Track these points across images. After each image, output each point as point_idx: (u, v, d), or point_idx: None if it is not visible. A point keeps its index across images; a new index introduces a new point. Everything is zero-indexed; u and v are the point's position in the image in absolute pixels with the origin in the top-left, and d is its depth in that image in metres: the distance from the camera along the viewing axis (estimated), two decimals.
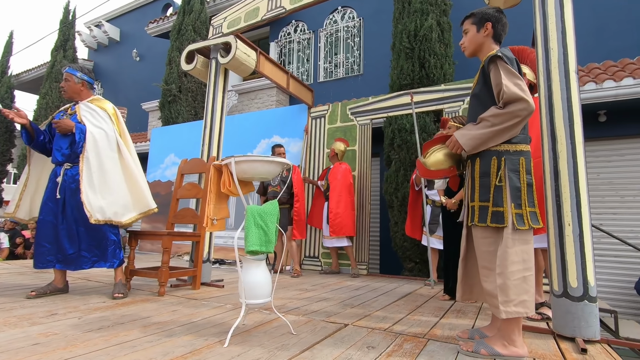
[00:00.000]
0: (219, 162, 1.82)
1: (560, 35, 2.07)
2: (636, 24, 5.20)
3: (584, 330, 1.81)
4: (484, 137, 1.56)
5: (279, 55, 8.29)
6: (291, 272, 4.27)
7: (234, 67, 3.59)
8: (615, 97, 4.47)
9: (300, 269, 4.37)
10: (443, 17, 5.13)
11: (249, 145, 5.93)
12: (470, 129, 1.62)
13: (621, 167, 4.95)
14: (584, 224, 1.89)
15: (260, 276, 1.75)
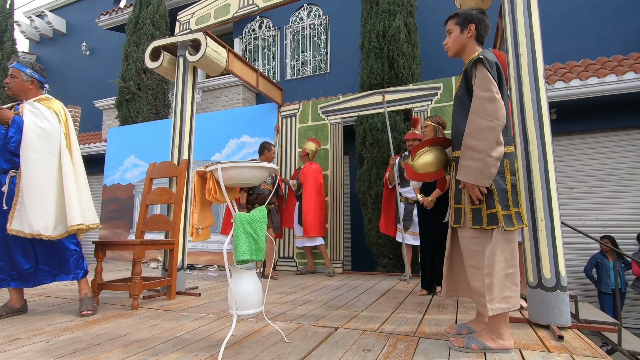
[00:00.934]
0: (203, 169, 1.74)
1: (530, 41, 2.19)
2: (579, 29, 5.66)
3: (557, 318, 1.94)
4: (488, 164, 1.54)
5: (243, 52, 8.09)
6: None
7: (204, 66, 3.44)
8: (565, 97, 4.84)
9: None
10: (410, 18, 5.26)
11: (217, 146, 5.74)
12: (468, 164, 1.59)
13: (570, 162, 5.38)
14: (554, 219, 2.02)
15: (251, 285, 1.70)
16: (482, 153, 1.55)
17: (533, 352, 1.60)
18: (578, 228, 4.90)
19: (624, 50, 5.31)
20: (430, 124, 2.86)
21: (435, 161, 1.81)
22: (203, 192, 1.77)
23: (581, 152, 5.35)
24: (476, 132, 1.57)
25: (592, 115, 5.14)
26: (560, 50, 5.65)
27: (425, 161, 1.81)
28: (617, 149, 5.19)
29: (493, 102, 1.56)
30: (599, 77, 4.68)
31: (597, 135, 5.28)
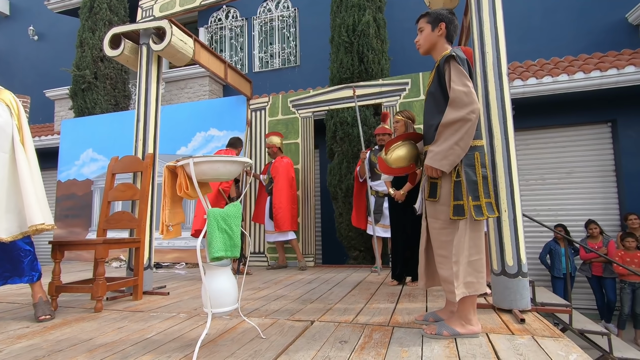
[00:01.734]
0: (173, 164, 1.66)
1: (494, 40, 2.29)
2: (535, 31, 5.99)
3: (519, 302, 2.07)
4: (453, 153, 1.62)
5: (209, 42, 7.82)
6: None
7: (170, 55, 3.29)
8: (523, 94, 5.12)
9: None
10: (379, 14, 5.31)
11: (183, 139, 5.53)
12: (434, 148, 1.68)
13: (527, 155, 5.72)
14: (516, 210, 2.15)
15: (225, 283, 1.66)
16: (451, 142, 1.63)
17: (499, 335, 1.70)
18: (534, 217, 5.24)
19: (574, 51, 5.70)
20: (401, 118, 2.92)
21: (407, 155, 1.86)
22: (174, 187, 1.70)
23: (537, 146, 5.70)
24: (451, 122, 1.65)
25: (547, 112, 5.48)
26: (518, 50, 5.95)
27: (398, 155, 1.86)
28: (568, 143, 5.58)
29: (469, 96, 1.63)
30: (553, 77, 4.99)
31: (551, 130, 5.65)
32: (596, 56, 5.40)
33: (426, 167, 1.72)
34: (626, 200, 5.14)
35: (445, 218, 1.71)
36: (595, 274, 4.75)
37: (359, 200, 4.20)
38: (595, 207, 5.39)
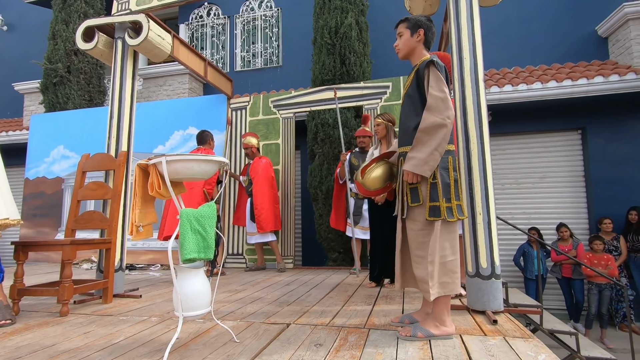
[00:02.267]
0: (145, 162, 1.61)
1: (472, 46, 2.33)
2: (511, 39, 6.18)
3: (492, 304, 2.11)
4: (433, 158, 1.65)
5: (190, 39, 7.67)
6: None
7: (146, 51, 3.19)
8: (499, 100, 5.27)
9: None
10: (361, 17, 5.35)
11: (160, 137, 5.39)
12: (415, 155, 1.68)
13: (503, 160, 5.89)
14: (491, 213, 2.19)
15: (198, 285, 1.61)
16: (431, 147, 1.65)
17: (472, 336, 1.72)
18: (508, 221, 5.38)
19: (548, 60, 5.91)
20: (381, 121, 2.94)
21: (383, 176, 1.95)
22: (145, 186, 1.64)
23: (512, 151, 5.88)
24: (429, 127, 1.67)
25: (522, 119, 5.66)
26: (496, 57, 6.12)
27: (375, 177, 1.94)
28: (542, 149, 5.77)
29: (445, 102, 1.66)
30: (527, 84, 5.16)
31: (525, 136, 5.83)
32: (568, 66, 5.62)
33: (406, 173, 1.73)
34: (594, 205, 5.36)
35: (423, 219, 1.72)
36: (565, 276, 4.93)
37: (338, 202, 4.20)
38: (566, 210, 5.59)
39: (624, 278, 4.76)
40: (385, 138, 2.96)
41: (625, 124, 5.33)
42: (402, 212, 1.83)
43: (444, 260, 1.69)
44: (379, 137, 3.01)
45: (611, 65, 5.38)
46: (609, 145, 5.38)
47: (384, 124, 2.93)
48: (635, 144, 5.27)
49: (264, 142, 4.93)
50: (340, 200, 4.23)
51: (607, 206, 5.23)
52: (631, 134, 5.30)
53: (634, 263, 4.79)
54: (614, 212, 5.12)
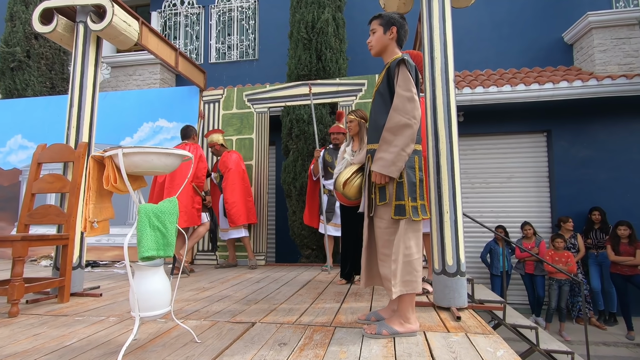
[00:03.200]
0: (100, 154, 1.51)
1: (443, 47, 2.35)
2: (484, 42, 6.34)
3: (457, 300, 2.15)
4: (400, 158, 1.64)
5: (162, 27, 7.39)
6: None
7: (111, 37, 3.03)
8: (471, 101, 5.40)
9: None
10: (338, 13, 5.32)
11: (128, 129, 5.17)
12: (382, 155, 1.67)
13: (473, 160, 6.05)
14: (458, 212, 2.23)
15: (157, 284, 1.54)
16: (398, 147, 1.64)
17: (435, 333, 1.74)
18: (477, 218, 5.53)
19: (518, 64, 6.11)
20: (354, 118, 2.92)
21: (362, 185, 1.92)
22: (100, 180, 1.55)
23: (482, 151, 6.05)
24: (395, 127, 1.66)
25: (492, 120, 5.83)
26: (469, 59, 6.27)
27: (356, 187, 1.94)
28: (509, 150, 5.97)
29: (412, 102, 1.66)
30: (498, 87, 5.31)
31: (494, 137, 6.01)
32: (536, 70, 5.83)
33: (374, 175, 1.72)
34: (557, 205, 5.60)
35: (389, 217, 1.72)
36: (528, 272, 5.13)
37: (312, 198, 4.17)
38: (531, 209, 5.83)
39: (580, 274, 5.01)
40: (357, 135, 2.95)
41: (587, 127, 5.60)
42: (369, 210, 1.83)
43: (409, 258, 1.70)
44: (351, 134, 2.99)
45: (575, 71, 5.62)
46: (572, 148, 5.63)
47: (356, 120, 2.92)
48: (596, 147, 5.55)
49: (237, 136, 4.82)
50: (313, 197, 4.20)
51: (569, 206, 5.49)
52: (592, 138, 5.57)
53: (594, 260, 5.05)
54: (575, 212, 5.38)
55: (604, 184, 5.45)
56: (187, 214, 3.67)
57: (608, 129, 5.51)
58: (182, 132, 3.97)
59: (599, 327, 4.92)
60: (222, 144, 4.36)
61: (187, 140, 3.92)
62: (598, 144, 5.55)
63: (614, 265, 4.78)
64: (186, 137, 3.93)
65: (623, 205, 5.27)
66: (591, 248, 5.08)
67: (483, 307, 2.46)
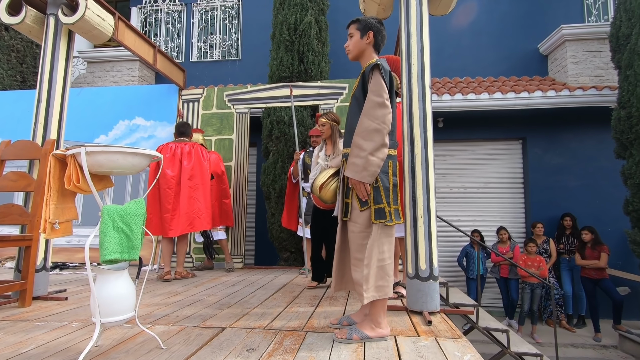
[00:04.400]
0: (62, 152, 1.45)
1: (420, 53, 2.38)
2: (464, 50, 6.48)
3: (429, 305, 2.17)
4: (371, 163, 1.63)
5: (142, 24, 7.22)
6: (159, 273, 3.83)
7: (83, 31, 2.93)
8: (450, 108, 5.50)
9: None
10: (321, 16, 5.33)
11: (103, 126, 5.01)
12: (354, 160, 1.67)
13: (452, 165, 6.16)
14: (431, 216, 2.25)
15: (120, 289, 1.49)
16: (366, 152, 1.64)
17: (405, 338, 1.75)
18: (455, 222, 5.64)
19: (495, 73, 6.27)
20: (326, 121, 2.91)
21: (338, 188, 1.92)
22: (61, 179, 1.48)
23: (460, 157, 6.17)
24: (364, 132, 1.66)
25: (470, 126, 5.96)
26: (449, 66, 6.39)
27: (333, 191, 1.94)
28: (486, 156, 6.12)
29: (383, 107, 1.66)
30: (476, 94, 5.43)
31: (473, 143, 6.15)
32: (513, 79, 6.00)
33: (350, 181, 1.72)
34: (531, 210, 5.77)
35: (363, 222, 1.72)
36: (502, 276, 5.25)
37: (290, 201, 4.15)
38: (507, 214, 5.98)
39: (552, 278, 5.16)
40: (330, 138, 2.93)
41: (560, 136, 5.79)
42: (343, 214, 1.82)
43: (382, 263, 1.70)
44: (323, 137, 2.97)
45: (549, 82, 5.82)
46: (546, 155, 5.82)
47: (328, 123, 2.91)
48: (568, 155, 5.75)
49: (216, 137, 4.75)
50: (292, 199, 4.17)
51: (542, 211, 5.66)
52: (565, 146, 5.77)
53: (566, 265, 5.22)
54: (548, 217, 5.55)
55: (575, 191, 5.65)
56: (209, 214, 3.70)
57: (579, 138, 5.72)
58: (181, 128, 3.72)
59: (569, 329, 5.08)
60: (202, 144, 4.28)
61: (188, 139, 3.71)
62: (570, 152, 5.75)
63: (583, 269, 4.95)
64: (185, 135, 3.70)
65: (592, 211, 5.48)
66: (563, 253, 5.25)
67: (454, 311, 2.49)
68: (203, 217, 3.58)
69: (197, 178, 3.57)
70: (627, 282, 5.10)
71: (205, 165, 3.67)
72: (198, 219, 3.55)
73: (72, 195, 1.58)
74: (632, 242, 4.46)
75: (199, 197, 3.56)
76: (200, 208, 3.56)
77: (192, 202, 3.53)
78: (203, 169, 3.62)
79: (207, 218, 3.63)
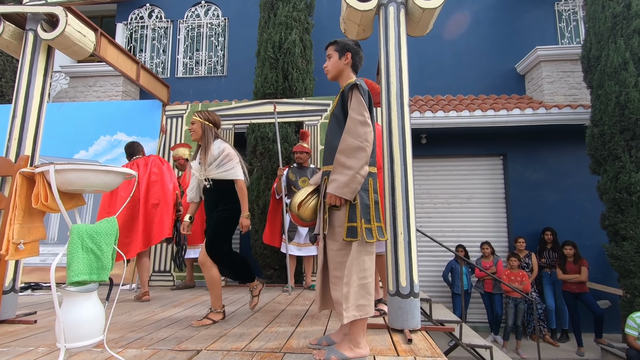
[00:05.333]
0: (29, 170, 1.41)
1: (398, 72, 2.44)
2: (446, 69, 6.68)
3: (410, 322, 2.15)
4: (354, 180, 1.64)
5: (128, 39, 7.22)
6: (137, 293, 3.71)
7: (63, 47, 2.90)
8: (432, 125, 5.61)
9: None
10: (305, 35, 5.43)
11: (84, 142, 4.92)
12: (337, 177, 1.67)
13: (436, 180, 6.24)
14: (411, 233, 2.26)
15: (88, 312, 1.43)
16: (352, 170, 1.65)
17: (385, 357, 1.72)
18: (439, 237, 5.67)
19: (476, 91, 6.46)
20: (197, 120, 2.54)
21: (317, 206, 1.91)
22: (29, 197, 1.44)
23: (444, 172, 6.26)
24: (348, 150, 1.67)
25: (453, 143, 6.08)
26: (431, 84, 6.56)
27: (311, 209, 1.90)
28: (469, 172, 6.23)
29: (365, 126, 1.68)
30: (457, 111, 5.57)
31: (455, 159, 6.26)
32: (492, 97, 6.19)
33: (329, 196, 1.71)
34: (513, 225, 5.86)
35: (341, 239, 1.71)
36: (487, 291, 5.28)
37: (274, 217, 4.12)
38: (489, 229, 6.05)
39: (535, 293, 5.21)
40: (202, 140, 2.52)
41: (538, 152, 5.96)
42: (323, 230, 1.81)
43: (363, 281, 1.68)
44: (193, 139, 2.55)
45: (527, 100, 6.02)
46: (526, 171, 5.96)
47: (199, 122, 2.51)
48: (546, 171, 5.91)
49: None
50: (276, 215, 4.14)
51: (524, 226, 5.76)
52: (543, 162, 5.94)
53: (548, 279, 5.28)
54: (530, 232, 5.65)
55: (554, 206, 5.78)
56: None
57: (557, 154, 5.90)
58: (128, 150, 3.62)
59: (552, 344, 5.11)
60: (187, 159, 4.25)
61: (138, 157, 3.60)
62: (548, 168, 5.91)
63: (565, 283, 5.02)
64: (135, 155, 3.60)
65: (571, 226, 5.60)
66: (545, 267, 5.32)
67: (436, 329, 2.48)
68: (160, 227, 3.41)
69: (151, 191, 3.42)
70: (606, 295, 5.19)
71: (157, 173, 3.46)
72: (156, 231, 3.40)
73: (40, 215, 1.53)
74: (609, 255, 4.56)
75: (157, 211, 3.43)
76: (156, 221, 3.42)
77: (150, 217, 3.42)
78: (158, 180, 3.43)
79: (162, 228, 3.43)
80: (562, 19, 6.65)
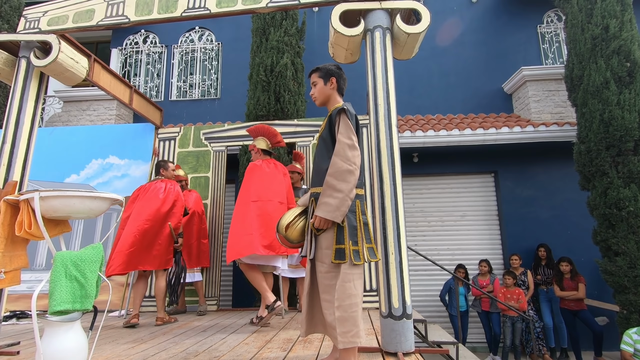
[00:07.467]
0: (14, 197, 1.40)
1: (386, 94, 2.49)
2: (435, 89, 6.84)
3: (403, 345, 2.11)
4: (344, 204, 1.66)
5: (122, 64, 7.33)
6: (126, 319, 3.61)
7: (55, 73, 2.94)
8: (423, 144, 5.69)
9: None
10: (297, 58, 5.56)
11: (75, 165, 4.90)
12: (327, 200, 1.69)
13: (429, 198, 6.27)
14: (402, 253, 2.25)
15: (70, 342, 1.39)
16: (342, 193, 1.67)
17: None
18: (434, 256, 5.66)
19: (465, 110, 6.60)
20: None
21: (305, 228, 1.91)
22: (12, 225, 1.42)
23: (437, 190, 6.30)
24: (337, 173, 1.70)
25: (444, 161, 6.15)
26: (421, 104, 6.70)
27: (299, 230, 1.91)
28: (462, 190, 6.27)
29: (353, 149, 1.72)
30: (447, 130, 5.66)
31: (448, 177, 6.32)
32: (481, 116, 6.32)
33: (319, 220, 1.71)
34: (507, 241, 5.86)
35: (329, 262, 1.70)
36: (484, 309, 5.21)
37: None
38: (485, 247, 6.04)
39: (531, 311, 5.15)
40: None
41: (529, 169, 6.04)
42: (309, 253, 1.80)
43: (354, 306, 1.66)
44: None
45: (515, 118, 6.15)
46: (517, 188, 6.02)
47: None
48: (537, 187, 5.97)
49: (192, 174, 4.71)
50: None
51: (518, 243, 5.76)
52: (534, 179, 6.01)
53: (544, 296, 5.23)
54: (523, 248, 5.64)
55: (546, 222, 5.81)
56: None
57: (546, 171, 5.98)
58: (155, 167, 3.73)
59: None
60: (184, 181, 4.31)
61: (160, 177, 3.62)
62: (539, 185, 5.97)
63: (562, 300, 4.98)
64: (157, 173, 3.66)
65: (565, 242, 5.61)
66: (541, 284, 5.28)
67: (430, 351, 2.43)
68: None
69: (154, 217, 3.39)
70: (604, 312, 5.15)
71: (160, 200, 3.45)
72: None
73: (23, 242, 1.51)
74: (603, 271, 4.56)
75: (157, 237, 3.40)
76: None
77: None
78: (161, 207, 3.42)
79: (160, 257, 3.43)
80: (545, 40, 6.89)
